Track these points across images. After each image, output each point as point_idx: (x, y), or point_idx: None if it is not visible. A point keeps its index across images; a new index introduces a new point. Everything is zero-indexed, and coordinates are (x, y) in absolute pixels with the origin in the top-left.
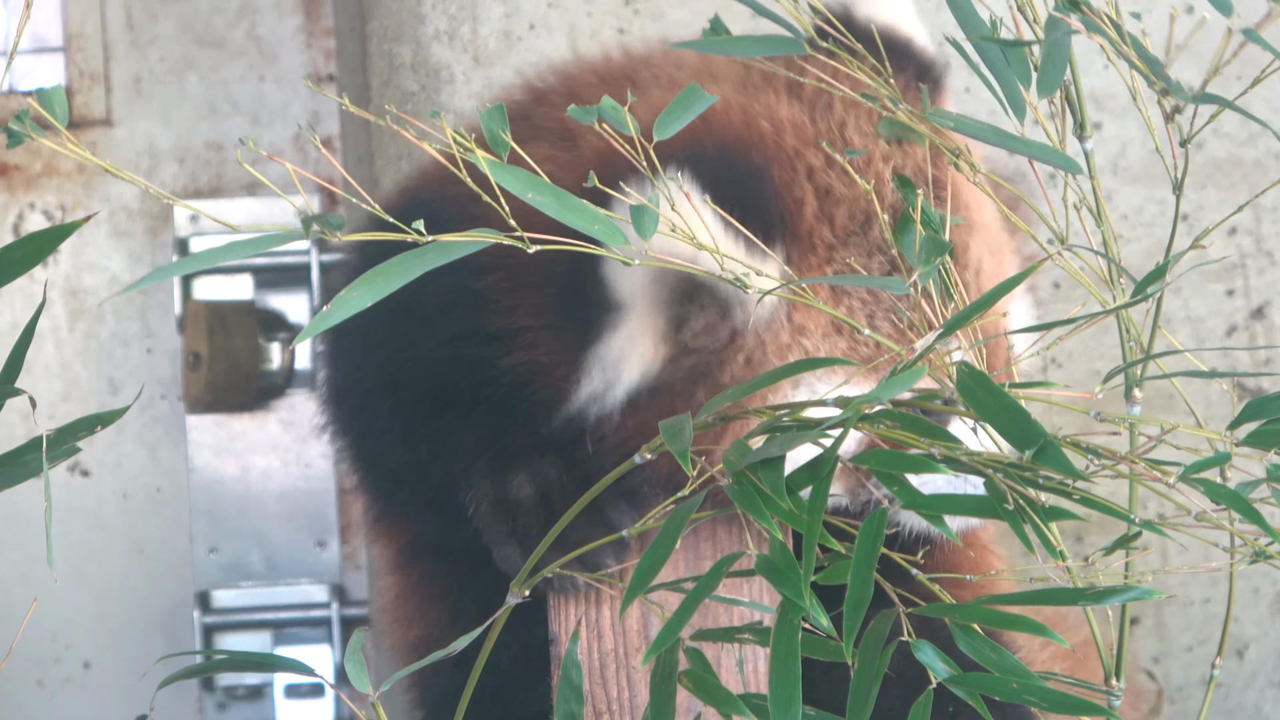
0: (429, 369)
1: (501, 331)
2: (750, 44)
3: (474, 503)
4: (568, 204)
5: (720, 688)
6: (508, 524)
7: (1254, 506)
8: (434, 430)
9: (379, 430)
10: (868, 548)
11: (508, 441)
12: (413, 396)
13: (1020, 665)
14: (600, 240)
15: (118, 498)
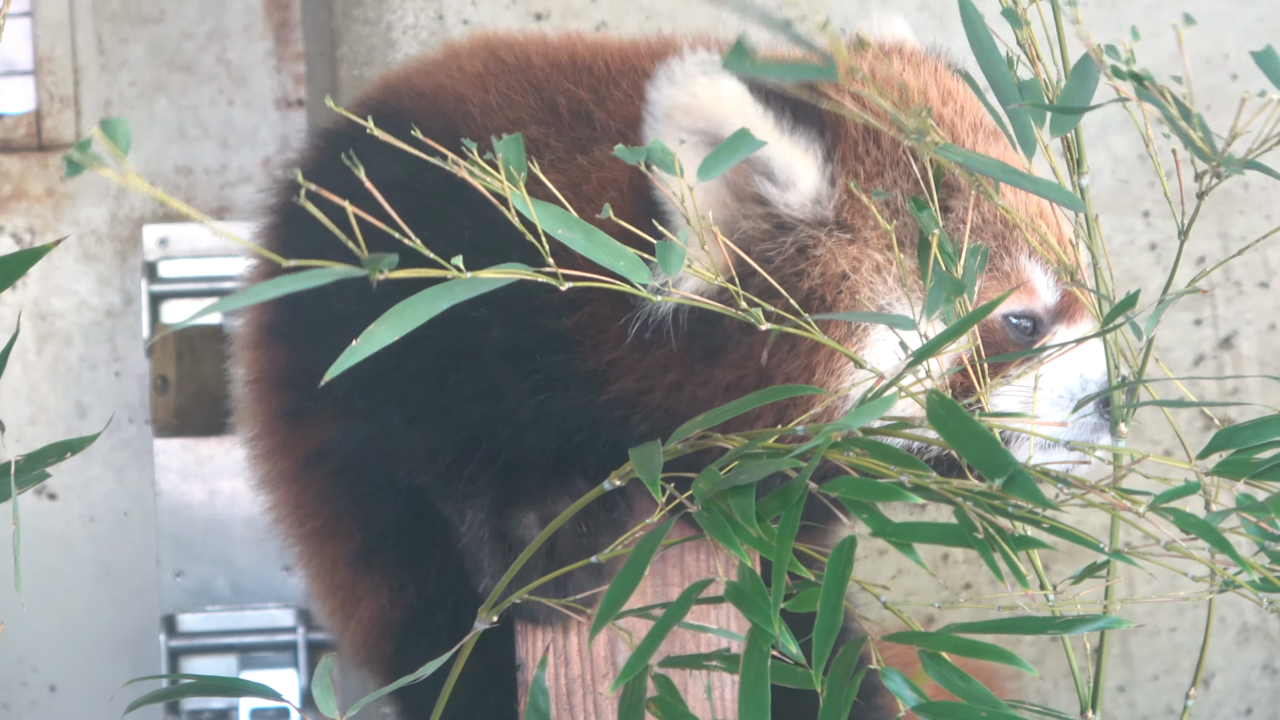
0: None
1: (595, 370)
2: (781, 70)
3: (470, 526)
4: (596, 240)
5: (688, 714)
6: (501, 561)
7: (1224, 536)
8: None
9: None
10: (837, 575)
11: (527, 475)
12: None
13: (989, 694)
14: (626, 277)
15: (85, 521)
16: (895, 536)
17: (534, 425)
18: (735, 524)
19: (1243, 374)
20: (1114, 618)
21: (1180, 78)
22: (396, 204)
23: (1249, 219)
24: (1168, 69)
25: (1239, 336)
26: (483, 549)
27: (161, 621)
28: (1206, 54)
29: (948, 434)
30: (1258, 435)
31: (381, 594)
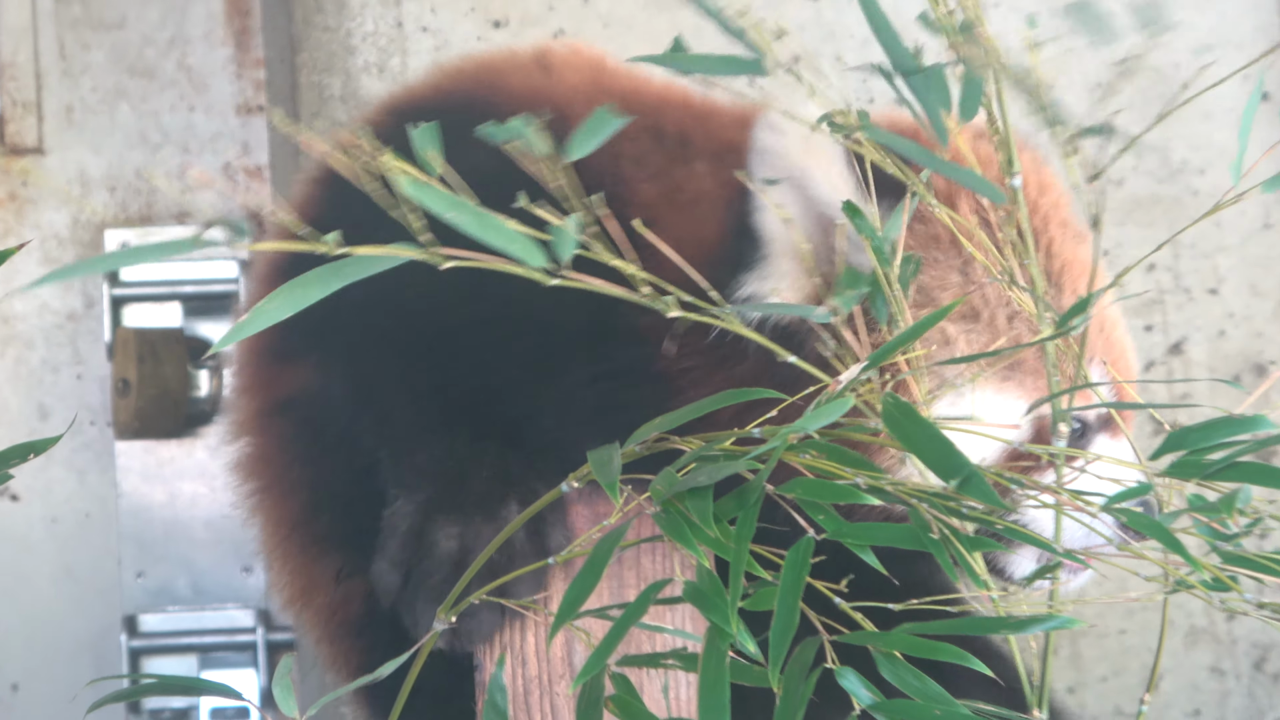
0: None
1: (664, 373)
2: (711, 63)
3: (395, 513)
4: (487, 223)
5: (646, 712)
6: (408, 556)
7: (1176, 537)
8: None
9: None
10: (794, 575)
11: (469, 485)
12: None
13: (943, 693)
14: (518, 257)
15: (47, 522)
16: (851, 538)
17: (562, 415)
18: (693, 525)
19: (1192, 378)
20: (1065, 618)
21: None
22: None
23: (1199, 226)
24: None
25: (1189, 342)
26: (394, 538)
27: (123, 621)
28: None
29: (903, 437)
30: (1208, 437)
31: (332, 579)
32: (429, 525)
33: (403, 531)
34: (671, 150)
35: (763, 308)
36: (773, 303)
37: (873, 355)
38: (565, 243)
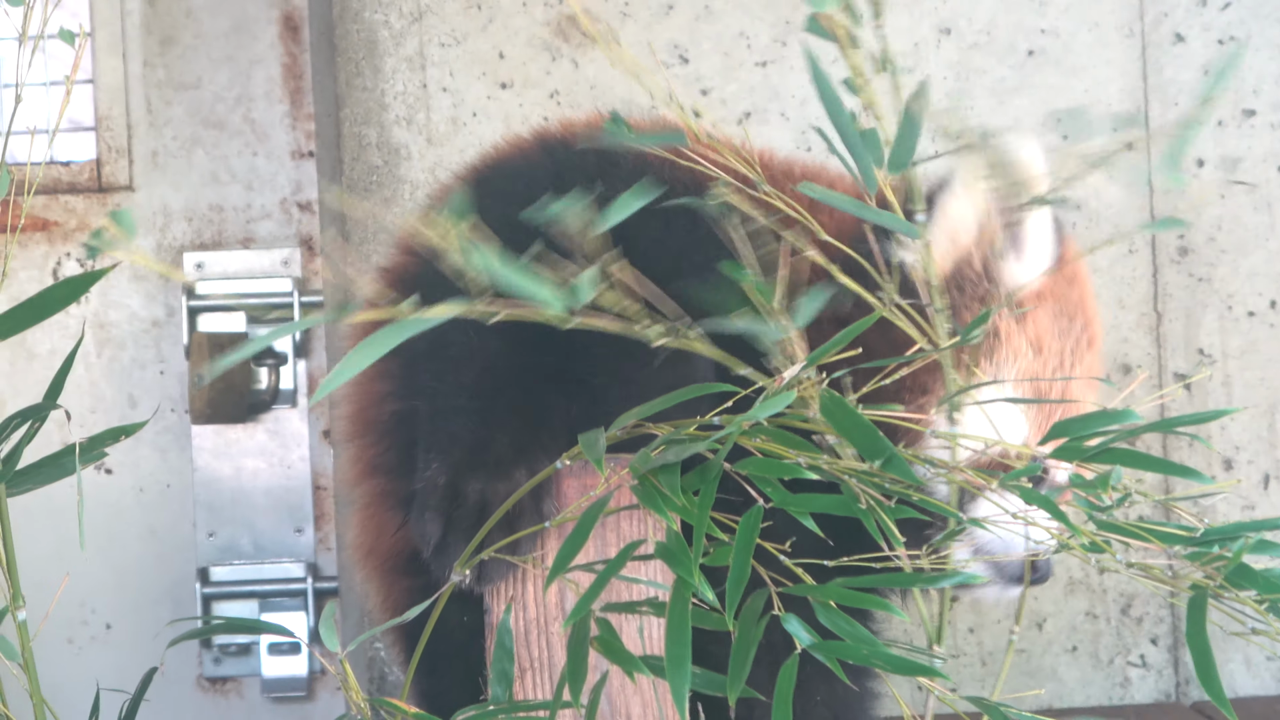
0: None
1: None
2: (643, 137)
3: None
4: (521, 274)
5: (624, 650)
6: (445, 505)
7: (1059, 506)
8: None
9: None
10: (746, 537)
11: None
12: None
13: (870, 635)
14: (546, 302)
15: (135, 491)
16: (794, 506)
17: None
18: (664, 495)
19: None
20: (966, 574)
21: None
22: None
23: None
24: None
25: None
26: (434, 493)
27: (197, 573)
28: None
29: (836, 425)
30: (1087, 427)
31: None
32: (460, 482)
33: (441, 486)
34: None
35: (726, 325)
36: (737, 322)
37: (810, 356)
38: (583, 292)
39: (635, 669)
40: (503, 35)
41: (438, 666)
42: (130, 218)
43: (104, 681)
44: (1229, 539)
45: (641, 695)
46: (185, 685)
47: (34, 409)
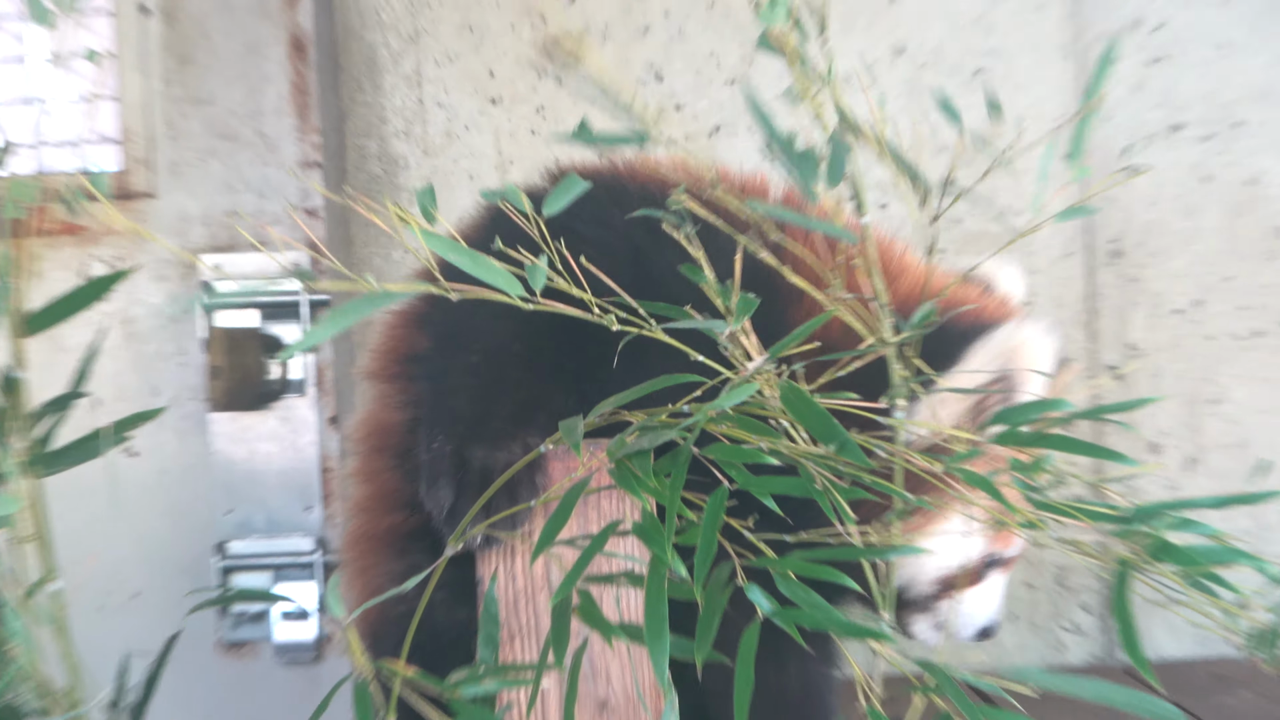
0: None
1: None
2: (607, 138)
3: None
4: (479, 262)
5: (603, 618)
6: (453, 472)
7: (997, 488)
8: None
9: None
10: (713, 515)
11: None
12: None
13: (824, 603)
14: (499, 286)
15: (158, 473)
16: (756, 487)
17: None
18: (638, 478)
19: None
20: (911, 547)
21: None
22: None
23: (1020, 253)
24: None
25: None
26: (442, 461)
27: (215, 547)
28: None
29: (795, 413)
30: (1023, 415)
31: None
32: (464, 451)
33: (448, 455)
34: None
35: (685, 324)
36: (688, 318)
37: (772, 349)
38: (537, 277)
39: (614, 635)
40: (492, 55)
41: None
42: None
43: (131, 645)
44: (1153, 517)
45: (619, 658)
46: (204, 649)
47: (63, 397)
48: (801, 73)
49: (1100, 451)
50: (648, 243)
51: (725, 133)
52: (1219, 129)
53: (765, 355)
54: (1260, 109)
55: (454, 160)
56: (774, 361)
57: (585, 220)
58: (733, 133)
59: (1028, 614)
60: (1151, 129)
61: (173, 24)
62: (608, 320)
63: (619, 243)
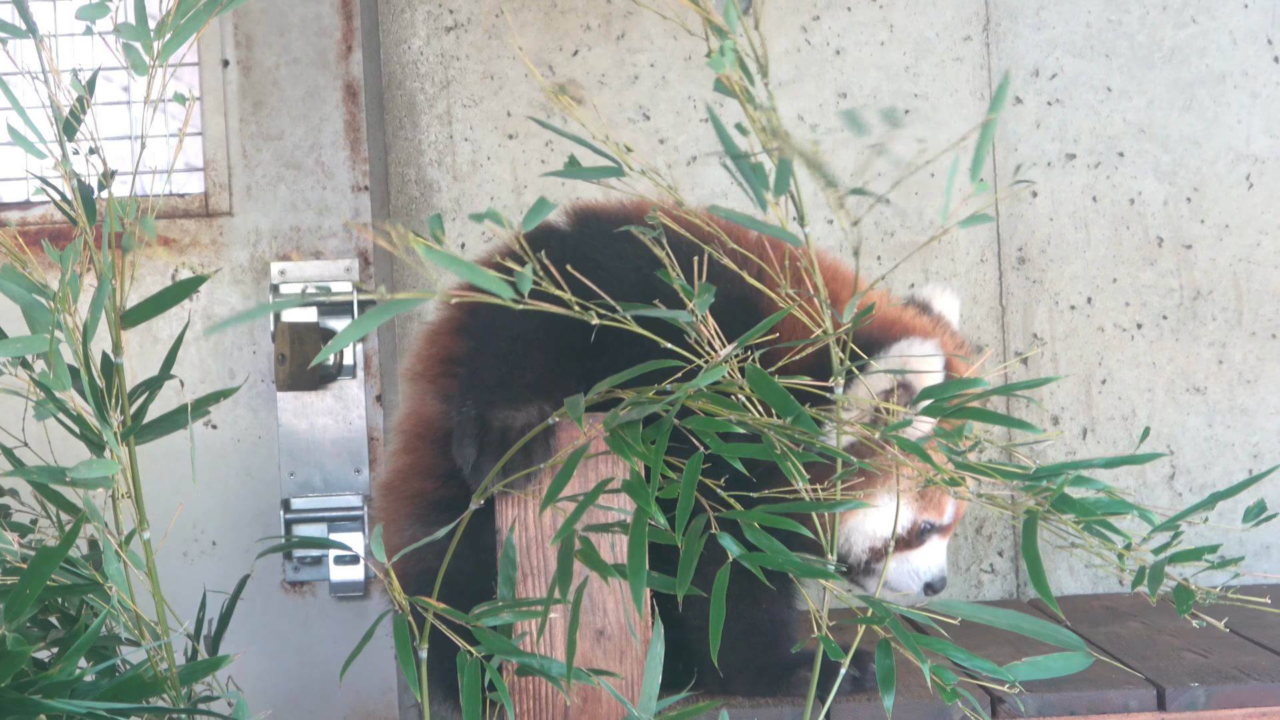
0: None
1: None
2: (587, 171)
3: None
4: (475, 272)
5: (600, 560)
6: (478, 433)
7: (927, 452)
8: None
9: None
10: (690, 475)
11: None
12: None
13: (784, 548)
14: (492, 290)
15: (234, 442)
16: (726, 452)
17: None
18: (629, 444)
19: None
20: (856, 501)
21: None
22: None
23: (942, 260)
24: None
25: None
26: (469, 423)
27: (281, 503)
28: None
29: (759, 391)
30: (947, 391)
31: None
32: (487, 415)
33: (473, 418)
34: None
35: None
36: (660, 310)
37: (739, 339)
38: (524, 282)
39: (609, 574)
40: (510, 99)
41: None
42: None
43: (209, 586)
44: (1055, 475)
45: (614, 594)
46: (271, 588)
47: (155, 379)
48: (750, 107)
49: (1011, 421)
50: (651, 269)
51: (700, 162)
52: (1105, 158)
53: (734, 345)
54: (1138, 142)
55: (478, 185)
56: (741, 349)
57: (605, 254)
58: (706, 162)
59: (952, 558)
60: (1050, 158)
61: (248, 74)
62: (588, 316)
63: (629, 270)
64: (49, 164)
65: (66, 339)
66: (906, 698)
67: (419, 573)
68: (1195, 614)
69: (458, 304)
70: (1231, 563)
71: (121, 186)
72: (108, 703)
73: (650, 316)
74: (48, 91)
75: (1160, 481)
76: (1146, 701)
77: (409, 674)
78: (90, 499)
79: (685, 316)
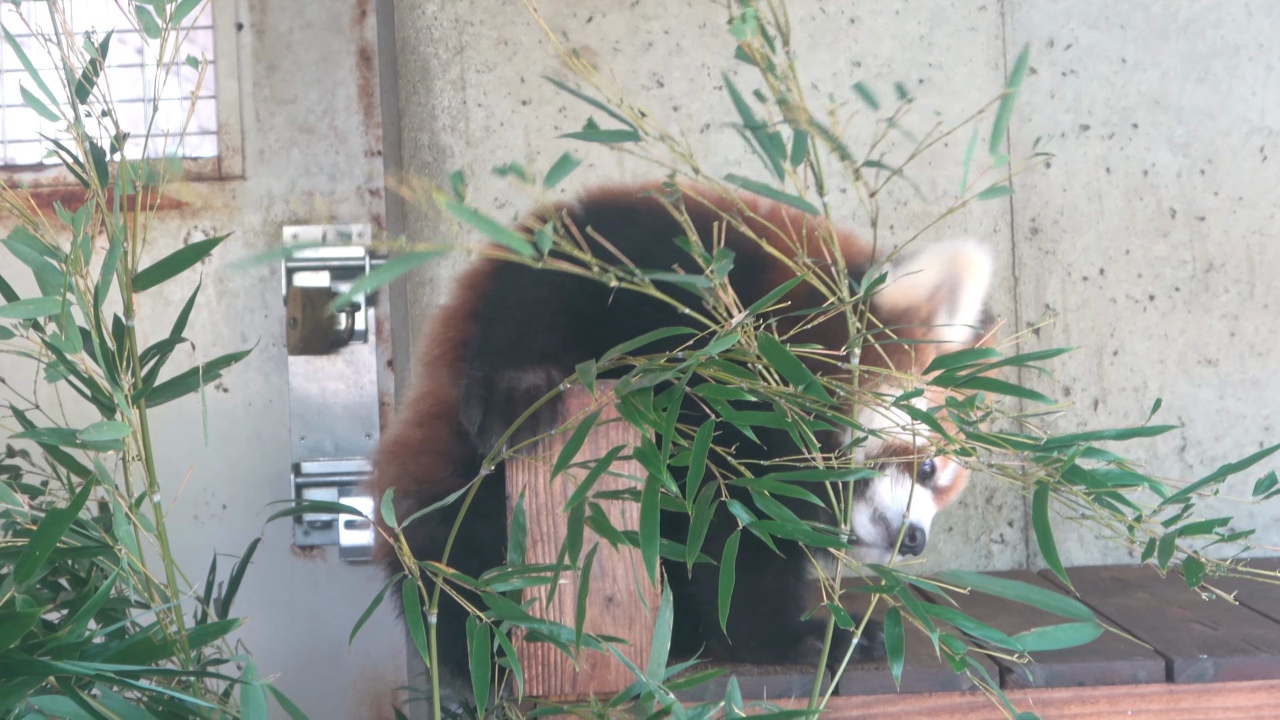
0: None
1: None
2: (602, 135)
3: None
4: (495, 228)
5: (610, 527)
6: (485, 395)
7: (938, 421)
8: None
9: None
10: (701, 443)
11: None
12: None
13: (793, 516)
14: (513, 247)
15: (245, 406)
16: (738, 420)
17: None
18: (640, 411)
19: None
20: (867, 470)
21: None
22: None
23: (957, 230)
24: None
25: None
26: (477, 385)
27: (291, 467)
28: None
29: (771, 359)
30: (959, 360)
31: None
32: (494, 378)
33: (479, 379)
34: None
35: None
36: (672, 274)
37: (751, 307)
38: (544, 240)
39: (619, 540)
40: (524, 65)
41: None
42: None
43: (220, 549)
44: (1065, 447)
45: (624, 561)
46: (281, 552)
47: (166, 342)
48: (770, 75)
49: (1022, 392)
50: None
51: (713, 130)
52: (1119, 129)
53: (746, 312)
54: (1152, 114)
55: (491, 151)
56: (753, 317)
57: (614, 236)
58: (720, 131)
59: (962, 528)
60: (1064, 129)
61: (262, 38)
62: (607, 278)
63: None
64: (62, 126)
65: (78, 301)
66: (915, 667)
67: (421, 543)
68: (1205, 586)
69: (472, 287)
70: (1242, 535)
71: (134, 149)
72: (117, 665)
73: (666, 282)
74: (60, 54)
75: (1171, 453)
76: (1155, 673)
77: (418, 639)
78: (101, 461)
79: (704, 283)
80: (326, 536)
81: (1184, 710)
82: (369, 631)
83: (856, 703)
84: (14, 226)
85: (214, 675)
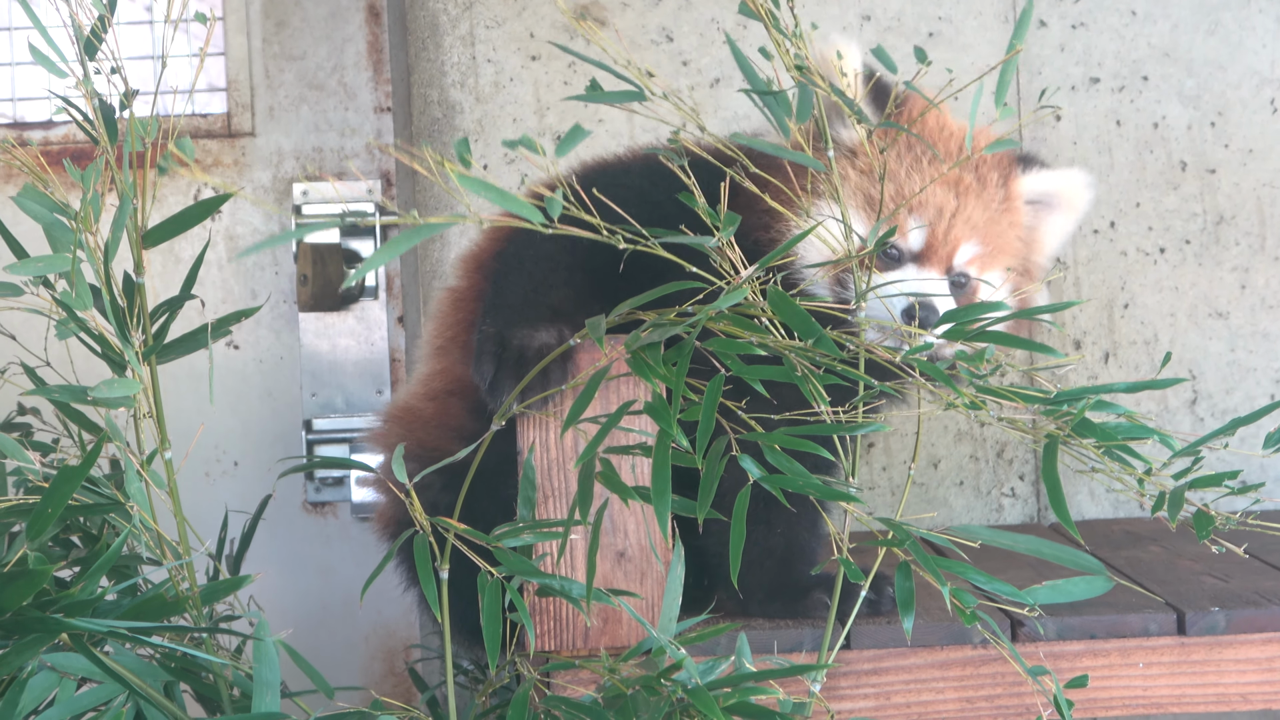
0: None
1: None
2: (608, 95)
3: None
4: (505, 196)
5: (621, 482)
6: (496, 351)
7: (948, 375)
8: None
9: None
10: (711, 398)
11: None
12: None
13: (804, 470)
14: (523, 215)
15: (256, 363)
16: (748, 375)
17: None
18: (650, 366)
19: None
20: (879, 424)
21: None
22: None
23: None
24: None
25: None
26: (489, 342)
27: (303, 423)
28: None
29: (780, 313)
30: (969, 314)
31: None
32: (506, 334)
33: (492, 335)
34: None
35: (679, 239)
36: (689, 236)
37: (761, 260)
38: (554, 206)
39: (629, 496)
40: (533, 20)
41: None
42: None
43: (231, 506)
44: (1076, 400)
45: (635, 516)
46: (293, 508)
47: (176, 298)
48: (774, 31)
49: (1032, 345)
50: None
51: (723, 84)
52: (1129, 82)
53: (755, 266)
54: (1162, 66)
55: (500, 106)
56: (762, 271)
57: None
58: (729, 84)
59: (973, 481)
60: (1074, 81)
61: None
62: (615, 240)
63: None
64: (70, 83)
65: (88, 258)
66: (926, 620)
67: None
68: (1215, 539)
69: (479, 270)
70: (1252, 488)
71: (143, 106)
72: (129, 621)
73: (673, 243)
74: (69, 10)
75: (1181, 406)
76: (1166, 625)
77: (429, 594)
78: (112, 418)
79: (712, 241)
80: (338, 493)
81: (1195, 662)
82: (380, 588)
83: (868, 656)
84: (24, 184)
85: (226, 631)
